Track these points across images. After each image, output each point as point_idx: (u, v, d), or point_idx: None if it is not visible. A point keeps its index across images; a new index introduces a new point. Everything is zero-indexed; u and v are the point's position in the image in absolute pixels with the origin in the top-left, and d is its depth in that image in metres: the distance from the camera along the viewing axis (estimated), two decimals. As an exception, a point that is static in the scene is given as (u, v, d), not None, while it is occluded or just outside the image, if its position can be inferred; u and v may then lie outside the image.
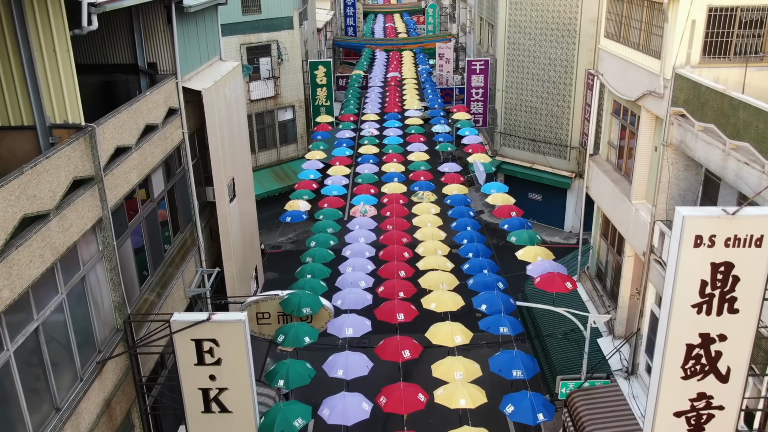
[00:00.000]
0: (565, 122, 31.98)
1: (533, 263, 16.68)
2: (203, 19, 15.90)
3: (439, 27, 65.35)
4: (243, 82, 17.75)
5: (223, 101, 15.70)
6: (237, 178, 17.10)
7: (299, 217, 22.64)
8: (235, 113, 17.06)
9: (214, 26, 16.77)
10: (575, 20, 30.16)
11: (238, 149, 17.39)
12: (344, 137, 31.43)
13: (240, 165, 17.54)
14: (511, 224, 19.81)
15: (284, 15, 32.70)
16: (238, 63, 17.49)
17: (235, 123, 16.92)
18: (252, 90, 32.21)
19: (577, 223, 33.54)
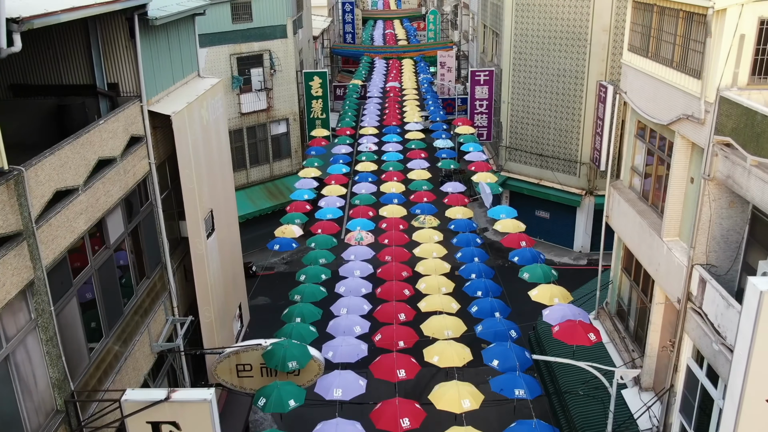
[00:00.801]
0: (574, 137, 30.15)
1: (550, 308, 14.76)
2: (176, 31, 14.05)
3: (440, 34, 63.56)
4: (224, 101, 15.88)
5: (198, 124, 13.83)
6: (217, 210, 15.21)
7: (288, 246, 20.75)
8: (215, 136, 15.19)
9: (191, 39, 14.91)
10: (586, 29, 28.36)
11: (218, 177, 15.51)
12: (340, 153, 29.56)
13: (220, 194, 15.66)
14: (522, 257, 17.90)
15: (277, 23, 30.90)
16: (219, 80, 15.61)
17: (214, 147, 15.04)
18: (243, 102, 30.40)
19: (587, 242, 31.70)
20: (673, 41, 12.96)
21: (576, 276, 30.17)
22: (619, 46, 28.09)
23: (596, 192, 30.39)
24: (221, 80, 15.81)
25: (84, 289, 9.98)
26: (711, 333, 11.53)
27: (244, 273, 31.12)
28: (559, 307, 14.52)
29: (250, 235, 32.18)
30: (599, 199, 30.28)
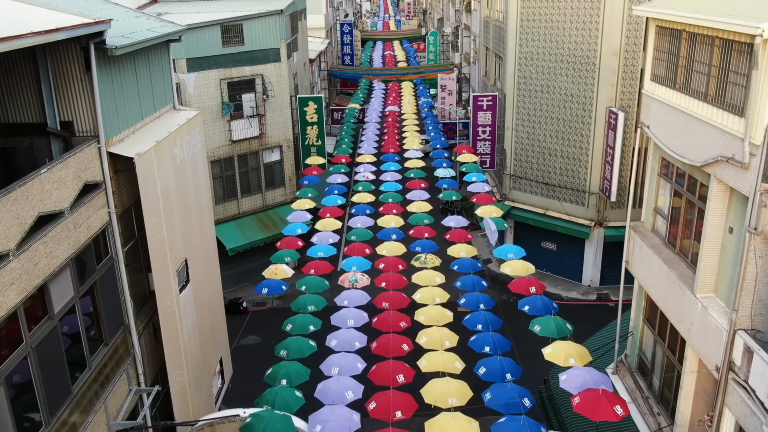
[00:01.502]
0: (582, 165, 28.60)
1: (567, 371, 13.05)
2: (146, 60, 12.51)
3: (441, 56, 62.33)
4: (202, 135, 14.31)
5: (170, 164, 12.24)
6: (193, 258, 13.58)
7: (278, 289, 19.09)
8: (191, 176, 13.60)
9: (164, 68, 13.37)
10: (594, 52, 26.92)
11: (195, 221, 13.89)
12: (336, 182, 28.00)
13: (197, 240, 14.03)
14: (532, 305, 16.21)
15: (270, 47, 29.48)
16: (196, 113, 14.05)
17: (190, 188, 13.44)
18: (234, 129, 28.89)
19: (596, 276, 30.03)
20: (707, 72, 11.41)
21: (585, 312, 28.50)
22: (630, 70, 26.66)
23: (606, 223, 28.79)
24: (199, 113, 14.24)
25: (17, 370, 8.34)
26: (760, 413, 9.85)
27: (234, 309, 29.58)
28: (578, 371, 12.82)
29: (241, 268, 30.56)
30: (609, 230, 28.69)
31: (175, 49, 26.96)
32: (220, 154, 28.76)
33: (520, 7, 28.81)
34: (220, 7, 30.81)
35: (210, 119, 28.03)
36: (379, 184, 28.17)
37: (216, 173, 28.96)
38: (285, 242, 22.14)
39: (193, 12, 29.84)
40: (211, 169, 28.58)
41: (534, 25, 28.57)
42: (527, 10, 28.59)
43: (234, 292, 30.43)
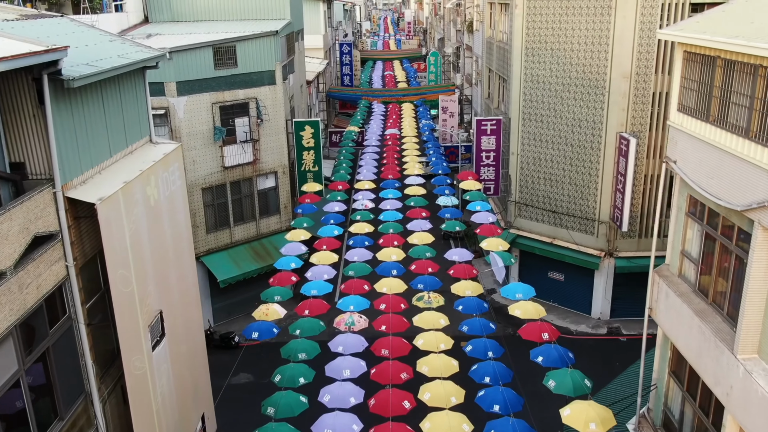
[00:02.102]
0: (592, 192, 27.25)
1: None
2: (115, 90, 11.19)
3: (442, 76, 61.29)
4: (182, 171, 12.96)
5: (142, 206, 10.86)
6: (170, 308, 12.17)
7: (269, 333, 17.67)
8: (168, 217, 12.22)
9: (139, 98, 12.05)
10: (604, 75, 25.67)
11: (173, 266, 12.49)
12: (332, 211, 26.64)
13: (174, 287, 12.62)
14: (546, 356, 14.73)
15: (265, 69, 28.26)
16: (175, 146, 12.71)
17: (166, 231, 12.06)
18: (226, 155, 27.57)
19: (606, 309, 28.57)
20: (748, 104, 10.07)
21: (595, 347, 27.02)
22: (641, 94, 25.41)
23: (617, 254, 27.38)
24: (177, 147, 12.89)
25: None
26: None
27: (226, 344, 28.08)
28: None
29: (234, 300, 29.12)
30: (620, 261, 27.27)
31: (164, 72, 25.88)
32: (211, 180, 27.44)
33: (526, 29, 27.63)
34: (213, 28, 29.64)
35: (201, 145, 26.74)
36: (378, 212, 26.82)
37: (207, 201, 27.63)
38: (278, 278, 20.73)
39: (185, 33, 28.67)
40: (202, 196, 27.27)
41: (540, 47, 27.37)
42: (533, 31, 27.41)
43: (226, 325, 28.97)
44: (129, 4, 29.78)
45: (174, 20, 31.88)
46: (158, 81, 25.43)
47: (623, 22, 24.79)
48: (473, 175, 29.16)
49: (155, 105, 25.60)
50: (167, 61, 25.23)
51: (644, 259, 27.28)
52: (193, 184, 26.85)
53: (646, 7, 24.53)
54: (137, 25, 30.76)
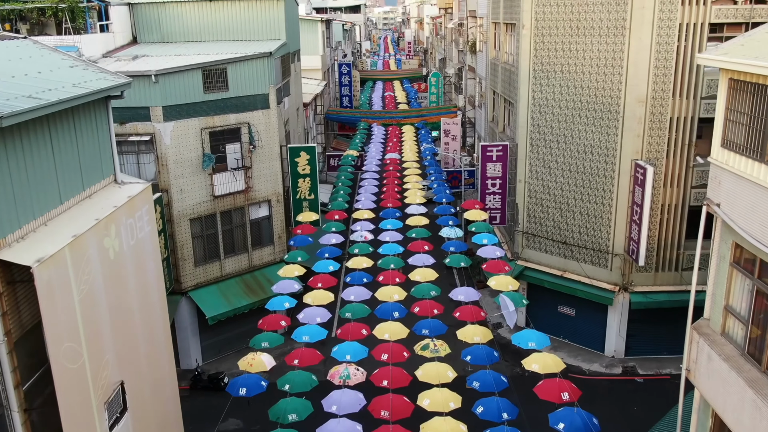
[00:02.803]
0: (605, 223, 25.59)
1: None
2: (69, 125, 9.55)
3: (443, 97, 59.91)
4: (152, 214, 11.28)
5: (97, 263, 9.18)
6: (134, 376, 10.43)
7: (257, 387, 15.88)
8: (133, 271, 10.52)
9: (101, 132, 10.42)
10: (618, 100, 24.13)
11: (138, 326, 10.78)
12: (329, 244, 24.97)
13: (142, 350, 10.89)
14: (568, 423, 12.96)
15: (258, 92, 26.73)
16: (144, 186, 11.06)
17: (130, 288, 10.36)
18: (216, 184, 25.95)
19: (621, 346, 26.79)
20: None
21: (611, 389, 25.20)
22: (658, 119, 23.85)
23: (632, 288, 25.66)
24: (146, 187, 11.25)
25: None
26: None
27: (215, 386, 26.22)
28: None
29: (224, 336, 27.34)
30: (636, 296, 25.55)
31: (149, 96, 24.33)
32: (200, 210, 25.79)
33: (533, 50, 26.14)
34: (204, 50, 28.18)
35: (189, 173, 25.13)
36: (377, 244, 25.15)
37: (196, 232, 25.96)
38: (267, 321, 18.99)
39: (173, 54, 27.19)
40: (190, 227, 25.62)
41: (549, 69, 25.86)
42: (541, 53, 25.92)
43: (216, 363, 27.17)
44: (115, 24, 28.33)
45: (164, 41, 30.44)
46: (143, 105, 23.91)
47: (638, 43, 23.30)
48: (479, 204, 27.50)
49: (140, 131, 24.07)
50: (153, 84, 23.78)
51: (661, 295, 25.60)
52: (181, 214, 25.21)
53: (662, 28, 23.06)
54: (125, 46, 29.31)
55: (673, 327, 26.36)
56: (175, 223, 25.15)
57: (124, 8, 29.35)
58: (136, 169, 24.68)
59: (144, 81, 23.62)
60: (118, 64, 25.23)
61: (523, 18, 26.16)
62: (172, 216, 25.01)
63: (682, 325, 26.90)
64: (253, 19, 30.23)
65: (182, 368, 26.93)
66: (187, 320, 26.32)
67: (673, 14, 22.91)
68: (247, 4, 30.15)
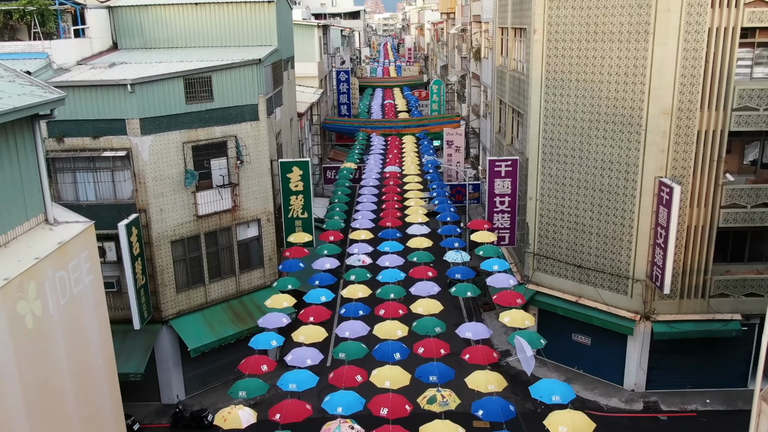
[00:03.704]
0: (624, 246, 23.40)
1: None
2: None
3: (445, 106, 57.74)
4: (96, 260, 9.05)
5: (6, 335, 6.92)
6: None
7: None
8: (65, 338, 8.28)
9: (25, 161, 8.21)
10: (640, 111, 21.98)
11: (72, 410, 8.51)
12: (323, 269, 22.76)
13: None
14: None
15: (245, 103, 24.57)
16: (86, 226, 8.85)
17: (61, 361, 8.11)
18: (200, 203, 23.76)
19: (642, 379, 24.55)
20: None
21: (632, 428, 22.96)
22: (684, 133, 21.69)
23: (654, 317, 23.44)
24: (88, 227, 9.03)
25: None
26: None
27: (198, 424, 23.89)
28: None
29: (209, 367, 25.08)
30: (659, 326, 23.33)
31: (125, 108, 22.11)
32: (182, 232, 23.58)
33: (546, 56, 23.98)
34: (188, 56, 26.05)
35: (170, 191, 22.95)
36: (376, 269, 22.93)
37: (178, 255, 23.76)
38: (248, 364, 16.72)
39: (155, 61, 25.05)
40: (171, 250, 23.43)
41: (563, 78, 23.71)
42: (555, 59, 23.76)
43: (199, 397, 24.90)
44: (93, 29, 26.18)
45: (146, 47, 28.31)
46: (118, 118, 21.74)
47: (663, 49, 21.16)
48: (487, 224, 25.28)
49: (115, 145, 21.91)
50: (129, 94, 21.60)
51: (687, 324, 23.38)
52: (161, 236, 23.00)
53: (690, 33, 20.93)
54: (104, 53, 27.17)
55: (699, 358, 24.18)
56: (154, 246, 22.94)
57: (104, 12, 27.22)
58: (111, 188, 22.51)
59: (119, 91, 21.48)
60: (92, 72, 23.07)
61: (534, 22, 24.03)
62: (151, 238, 22.81)
63: (709, 356, 24.93)
64: (242, 24, 28.10)
65: (163, 403, 24.69)
66: (168, 351, 24.08)
67: (701, 17, 20.78)
68: (235, 8, 28.03)
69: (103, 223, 22.43)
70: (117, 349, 23.74)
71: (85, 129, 21.80)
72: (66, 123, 21.68)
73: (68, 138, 21.83)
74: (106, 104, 21.63)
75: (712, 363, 24.28)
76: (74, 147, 21.91)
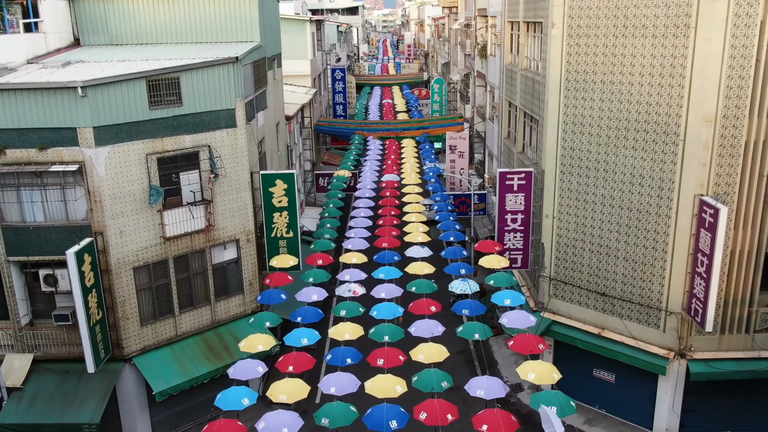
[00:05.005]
0: (657, 273, 20.25)
1: None
2: None
3: (447, 106, 54.47)
4: None
5: None
6: None
7: None
8: None
9: None
10: (677, 118, 18.81)
11: None
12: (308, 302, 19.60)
13: None
14: None
15: (220, 107, 21.41)
16: None
17: None
18: (167, 223, 20.61)
19: (674, 424, 21.43)
20: None
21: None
22: (730, 144, 18.54)
23: (691, 355, 20.30)
24: None
25: None
26: None
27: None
28: None
29: (181, 407, 21.99)
30: (696, 365, 20.20)
31: (75, 114, 18.85)
32: (147, 256, 20.43)
33: (567, 54, 20.79)
34: (156, 54, 22.84)
35: (132, 210, 19.80)
36: (369, 302, 19.77)
37: (142, 283, 20.63)
38: (216, 430, 13.55)
39: (117, 60, 21.85)
40: (134, 278, 20.32)
41: (587, 79, 20.53)
42: (577, 58, 20.57)
43: (165, 443, 21.79)
44: (48, 22, 22.97)
45: (112, 43, 25.10)
46: (68, 126, 18.58)
47: (707, 45, 17.97)
48: (497, 246, 22.11)
49: (65, 158, 18.79)
50: (80, 98, 18.41)
51: (728, 363, 20.23)
52: (121, 262, 19.86)
53: (739, 26, 17.74)
54: (63, 50, 23.97)
55: (741, 401, 21.04)
56: (113, 274, 19.79)
57: (62, 3, 24.00)
58: (62, 208, 19.33)
59: (69, 95, 18.31)
60: (40, 72, 19.88)
61: (552, 15, 20.82)
62: (110, 265, 19.67)
63: (753, 398, 21.78)
64: (219, 18, 24.88)
65: (127, 451, 21.57)
66: (132, 392, 20.96)
67: (753, 9, 17.59)
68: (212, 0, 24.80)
69: (53, 248, 19.39)
70: (70, 394, 20.79)
71: (30, 139, 18.63)
72: (7, 132, 18.54)
73: (10, 150, 18.66)
74: (53, 110, 18.47)
75: (756, 406, 21.16)
76: (18, 160, 18.74)
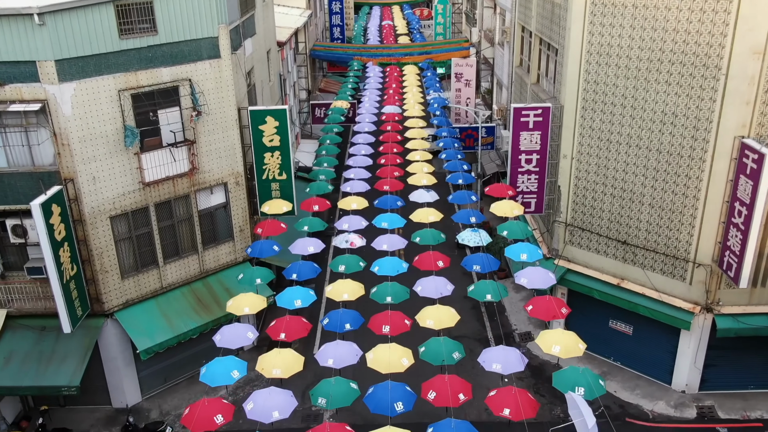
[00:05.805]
0: (686, 222, 18.43)
1: None
2: None
3: (451, 28, 51.17)
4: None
5: None
6: None
7: None
8: None
9: None
10: (720, 49, 16.51)
11: None
12: (304, 255, 17.83)
13: None
14: None
15: (202, 36, 18.99)
16: None
17: None
18: (146, 167, 18.60)
19: (695, 380, 20.14)
20: None
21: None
22: (780, 80, 16.28)
23: (718, 309, 18.73)
24: None
25: None
26: None
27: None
28: None
29: (169, 361, 20.61)
30: (723, 320, 18.68)
31: (34, 46, 16.52)
32: (125, 204, 18.52)
33: (594, -26, 18.23)
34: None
35: (105, 153, 17.74)
36: (370, 255, 17.99)
37: (121, 233, 18.81)
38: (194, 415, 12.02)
39: (83, -19, 19.17)
40: (111, 228, 18.48)
41: (615, 3, 18.06)
42: (606, -22, 18.03)
43: (158, 398, 20.53)
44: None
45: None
46: (27, 60, 16.27)
47: (761, -37, 15.49)
48: (511, 191, 20.18)
49: (26, 96, 16.59)
50: (38, 27, 16.04)
51: (759, 318, 18.70)
52: (96, 211, 17.97)
53: (801, -61, 15.19)
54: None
55: (766, 357, 19.69)
56: (88, 225, 17.94)
57: None
58: (25, 152, 17.26)
59: (25, 23, 15.91)
60: (-8, -4, 17.34)
61: (579, -74, 18.15)
62: (83, 215, 17.79)
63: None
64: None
65: (114, 407, 20.30)
66: (116, 348, 19.51)
67: None
68: None
69: (20, 197, 17.47)
70: (47, 353, 19.29)
71: (-17, 73, 16.37)
72: (-42, 67, 16.26)
73: (-37, 87, 16.43)
74: (8, 42, 16.13)
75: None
76: (-28, 99, 16.53)
